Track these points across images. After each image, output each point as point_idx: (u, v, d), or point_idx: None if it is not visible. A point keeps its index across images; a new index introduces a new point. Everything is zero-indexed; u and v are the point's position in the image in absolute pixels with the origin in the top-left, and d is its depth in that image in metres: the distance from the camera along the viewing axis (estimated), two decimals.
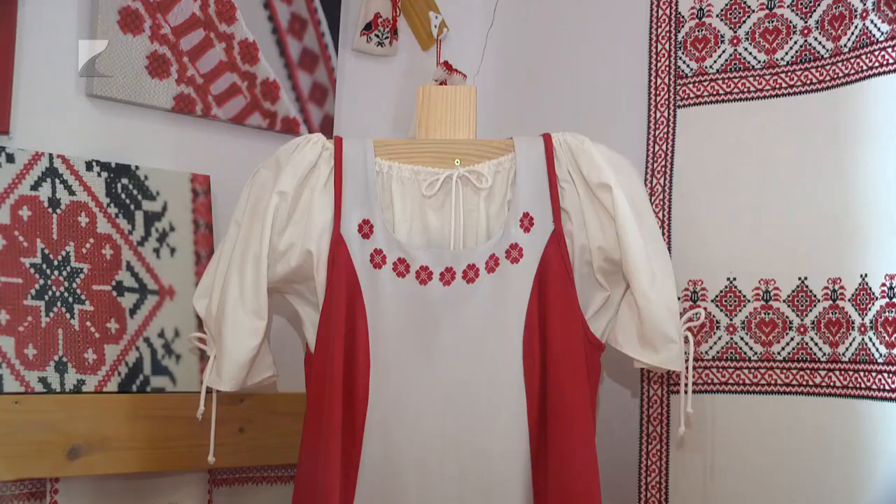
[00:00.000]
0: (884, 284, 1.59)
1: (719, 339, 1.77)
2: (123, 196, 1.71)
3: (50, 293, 1.60)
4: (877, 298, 1.60)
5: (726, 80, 1.81)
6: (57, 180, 1.65)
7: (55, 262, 1.62)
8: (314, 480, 1.47)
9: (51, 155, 1.65)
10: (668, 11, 1.88)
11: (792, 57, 1.76)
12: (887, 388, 1.57)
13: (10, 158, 1.61)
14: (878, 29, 1.63)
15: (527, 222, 1.50)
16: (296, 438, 1.58)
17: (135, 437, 1.61)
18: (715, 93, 1.82)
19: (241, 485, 1.84)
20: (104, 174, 1.70)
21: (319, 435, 1.48)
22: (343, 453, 1.46)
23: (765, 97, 1.78)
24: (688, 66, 1.85)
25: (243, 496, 1.84)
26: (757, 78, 1.78)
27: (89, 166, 1.68)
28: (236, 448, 1.72)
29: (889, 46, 1.61)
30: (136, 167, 1.74)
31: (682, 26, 1.87)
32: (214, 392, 1.56)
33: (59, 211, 1.64)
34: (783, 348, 1.72)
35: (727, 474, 1.74)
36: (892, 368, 1.57)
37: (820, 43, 1.73)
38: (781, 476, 1.69)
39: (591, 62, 2.02)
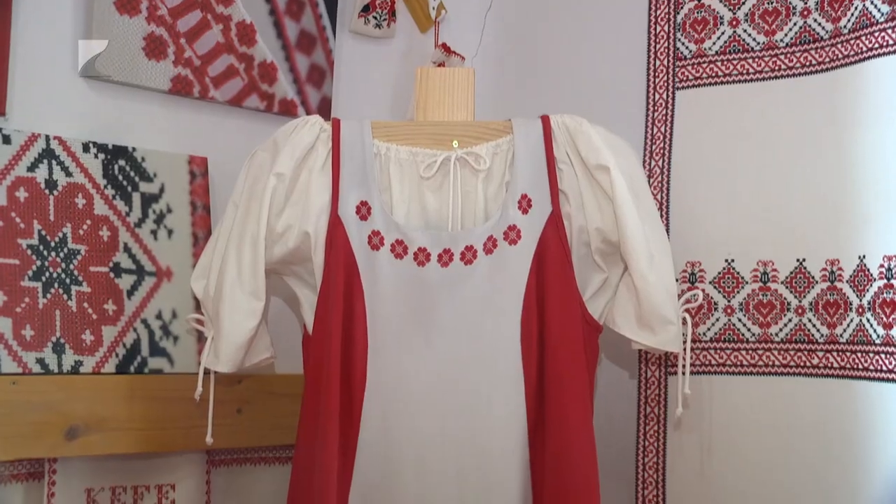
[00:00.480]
0: (882, 266, 1.59)
1: (717, 320, 1.77)
2: (121, 178, 1.71)
3: (47, 274, 1.60)
4: (875, 280, 1.60)
5: (725, 62, 1.81)
6: (54, 161, 1.64)
7: (52, 244, 1.62)
8: (312, 461, 1.48)
9: (47, 136, 1.64)
10: None
11: (791, 38, 1.75)
12: (885, 368, 1.57)
13: (7, 140, 1.61)
14: (878, 10, 1.63)
15: (525, 204, 1.50)
16: (294, 419, 1.58)
17: (133, 418, 1.61)
18: (714, 75, 1.82)
19: (239, 465, 1.84)
20: (101, 156, 1.69)
21: (317, 416, 1.48)
22: (341, 434, 1.46)
23: (764, 79, 1.77)
24: (687, 47, 1.85)
25: (241, 476, 1.84)
26: (756, 60, 1.78)
27: (86, 148, 1.68)
28: (234, 429, 1.72)
29: (889, 27, 1.61)
30: (134, 149, 1.73)
31: (682, 8, 1.86)
32: (212, 373, 1.57)
33: (56, 192, 1.64)
34: (781, 329, 1.72)
35: (724, 455, 1.74)
36: (890, 349, 1.57)
37: (819, 24, 1.72)
38: (779, 457, 1.69)
39: (590, 44, 2.01)
